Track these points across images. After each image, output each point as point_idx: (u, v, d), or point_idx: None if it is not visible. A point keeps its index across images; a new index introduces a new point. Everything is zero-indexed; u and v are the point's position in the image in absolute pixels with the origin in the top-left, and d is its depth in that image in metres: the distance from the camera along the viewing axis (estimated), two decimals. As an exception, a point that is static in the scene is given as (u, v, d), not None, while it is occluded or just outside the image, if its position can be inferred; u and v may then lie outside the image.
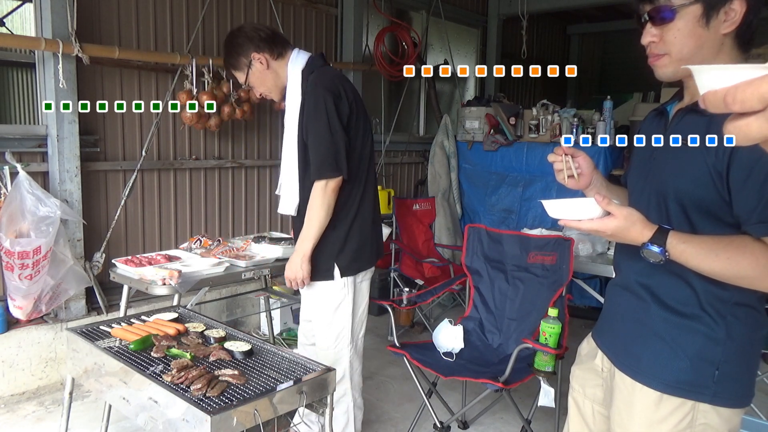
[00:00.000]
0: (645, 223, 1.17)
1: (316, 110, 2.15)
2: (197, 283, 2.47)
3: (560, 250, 2.80)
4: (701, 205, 1.19)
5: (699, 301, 1.24)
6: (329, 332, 2.38)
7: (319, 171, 2.16)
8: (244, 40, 2.26)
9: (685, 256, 1.15)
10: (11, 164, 3.00)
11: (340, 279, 2.30)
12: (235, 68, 2.30)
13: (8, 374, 3.14)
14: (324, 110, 2.13)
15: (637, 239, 1.17)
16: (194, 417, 1.46)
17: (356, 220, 2.29)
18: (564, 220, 1.24)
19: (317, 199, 2.17)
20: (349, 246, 2.29)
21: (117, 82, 3.52)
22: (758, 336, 1.27)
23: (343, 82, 2.26)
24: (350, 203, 2.28)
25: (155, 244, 3.81)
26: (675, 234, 1.15)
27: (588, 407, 1.51)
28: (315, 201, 2.18)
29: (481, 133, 5.09)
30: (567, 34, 8.34)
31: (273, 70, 2.27)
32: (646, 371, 1.30)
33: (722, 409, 1.24)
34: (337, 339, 2.38)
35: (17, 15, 3.58)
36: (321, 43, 4.70)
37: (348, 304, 2.35)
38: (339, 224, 2.26)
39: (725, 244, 1.13)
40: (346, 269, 2.30)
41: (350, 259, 2.30)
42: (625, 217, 1.17)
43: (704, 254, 1.13)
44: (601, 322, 1.51)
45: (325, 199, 2.17)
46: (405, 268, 4.37)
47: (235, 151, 4.18)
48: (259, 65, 2.26)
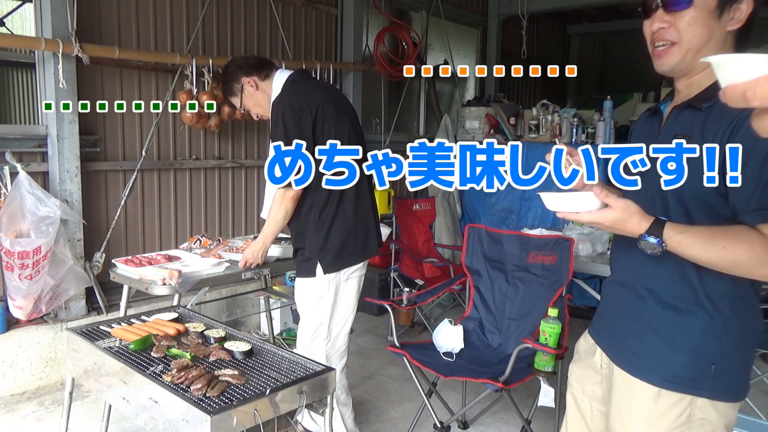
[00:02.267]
0: (642, 214, 1.18)
1: (275, 125, 2.31)
2: (197, 283, 2.47)
3: (560, 250, 2.80)
4: (699, 197, 1.20)
5: (695, 296, 1.25)
6: (307, 327, 2.48)
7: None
8: (234, 68, 2.54)
9: (681, 247, 1.15)
10: (11, 164, 3.00)
11: (323, 276, 2.40)
12: (231, 94, 2.57)
13: (8, 374, 3.14)
14: (282, 125, 2.27)
15: (635, 230, 1.18)
16: (194, 417, 1.46)
17: (336, 220, 2.40)
18: (562, 213, 1.24)
19: (275, 205, 2.36)
20: (331, 244, 2.40)
21: (117, 82, 3.52)
22: (754, 331, 1.28)
23: (309, 93, 2.37)
24: (329, 205, 2.38)
25: (155, 244, 3.81)
26: (671, 225, 1.16)
27: (586, 405, 1.52)
28: (274, 206, 2.37)
29: (481, 133, 5.09)
30: (567, 34, 8.34)
31: (262, 90, 2.51)
32: (644, 367, 1.31)
33: (719, 404, 1.26)
34: (314, 334, 2.47)
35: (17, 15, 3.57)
36: (321, 43, 4.70)
37: (328, 300, 2.44)
38: (320, 225, 2.39)
39: (721, 234, 1.14)
40: (329, 266, 2.41)
41: (333, 256, 2.40)
42: (623, 209, 1.17)
43: (701, 244, 1.14)
44: (597, 318, 1.51)
45: (282, 206, 2.35)
46: (405, 268, 4.36)
47: (235, 151, 4.18)
48: (249, 88, 2.51)
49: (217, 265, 2.58)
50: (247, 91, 2.52)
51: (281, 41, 4.32)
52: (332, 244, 2.39)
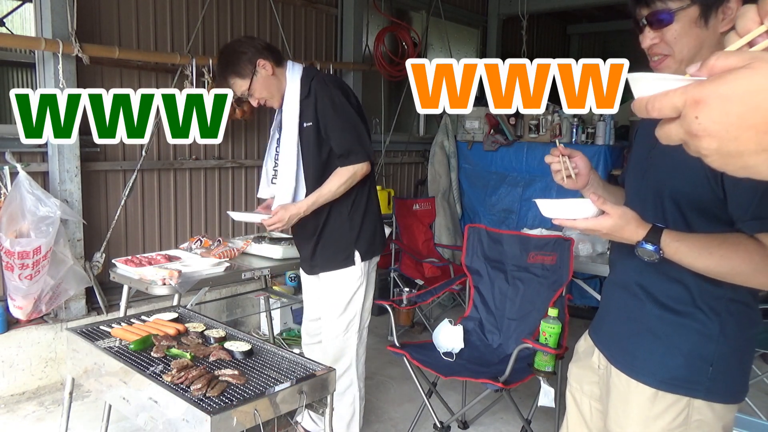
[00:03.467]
0: (639, 222, 1.18)
1: (333, 106, 2.29)
2: (197, 283, 2.47)
3: (560, 250, 2.80)
4: (697, 203, 1.20)
5: (693, 298, 1.25)
6: (341, 321, 2.47)
7: (347, 159, 2.31)
8: (248, 48, 2.33)
9: (679, 255, 1.16)
10: (11, 164, 3.00)
11: (360, 263, 2.43)
12: (239, 75, 2.34)
13: (8, 374, 3.14)
14: (340, 104, 2.30)
15: (632, 238, 1.18)
16: (194, 417, 1.46)
17: (369, 207, 2.46)
18: (559, 220, 1.24)
19: (339, 180, 2.31)
20: (365, 232, 2.44)
21: (117, 82, 3.52)
22: (752, 333, 1.28)
23: (347, 90, 2.43)
24: (364, 191, 2.44)
25: (155, 244, 3.81)
26: (669, 232, 1.16)
27: (586, 404, 1.52)
28: (337, 180, 2.31)
29: (481, 133, 5.09)
30: (567, 34, 8.34)
31: (276, 77, 2.37)
32: (641, 368, 1.31)
33: (716, 405, 1.25)
34: (347, 328, 2.48)
35: (17, 15, 3.58)
36: (321, 43, 4.70)
37: (362, 292, 2.48)
38: (355, 213, 2.42)
39: (719, 242, 1.14)
40: (366, 254, 2.45)
41: (367, 243, 2.45)
42: (620, 216, 1.18)
43: (698, 252, 1.14)
44: (597, 319, 1.52)
45: (347, 183, 2.32)
46: (405, 268, 4.37)
47: (235, 151, 4.18)
48: (264, 71, 2.33)
49: (217, 265, 2.58)
50: (261, 74, 2.33)
51: (281, 41, 4.32)
52: (365, 233, 2.44)
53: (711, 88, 0.52)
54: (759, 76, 0.50)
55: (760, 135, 0.50)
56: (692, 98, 0.53)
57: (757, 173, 0.53)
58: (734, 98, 0.50)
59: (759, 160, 0.51)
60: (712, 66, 0.53)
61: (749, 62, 0.51)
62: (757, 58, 0.51)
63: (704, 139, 0.53)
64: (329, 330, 2.50)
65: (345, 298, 2.46)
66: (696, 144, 0.54)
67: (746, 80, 0.50)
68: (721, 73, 0.52)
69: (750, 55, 0.52)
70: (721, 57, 0.53)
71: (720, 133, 0.51)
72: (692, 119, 0.53)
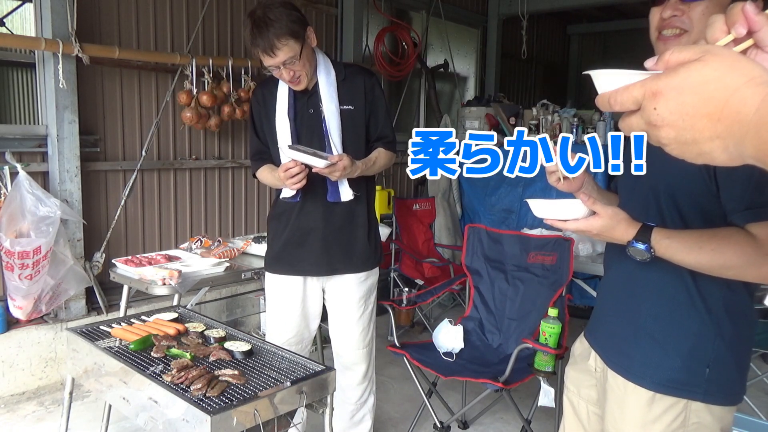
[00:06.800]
0: (629, 221, 1.18)
1: (383, 95, 2.35)
2: (197, 283, 2.47)
3: (560, 250, 2.80)
4: (692, 198, 1.20)
5: (689, 300, 1.24)
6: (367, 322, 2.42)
7: (392, 144, 2.33)
8: (300, 15, 2.07)
9: (670, 252, 1.15)
10: (11, 164, 3.00)
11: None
12: (295, 36, 2.02)
13: (8, 374, 3.14)
14: (388, 110, 2.36)
15: (623, 238, 1.18)
16: (194, 417, 1.46)
17: None
18: (549, 220, 1.24)
19: (385, 159, 2.29)
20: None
21: (117, 82, 3.52)
22: (748, 334, 1.28)
23: None
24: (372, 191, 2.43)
25: (155, 244, 3.81)
26: (659, 230, 1.16)
27: (583, 408, 1.51)
28: (383, 158, 2.29)
29: (481, 133, 5.09)
30: (567, 34, 8.34)
31: (313, 51, 2.19)
32: (638, 371, 1.30)
33: (714, 407, 1.25)
34: (371, 327, 2.45)
35: (17, 15, 3.57)
36: (321, 43, 4.69)
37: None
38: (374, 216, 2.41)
39: (709, 236, 1.14)
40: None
41: None
42: (610, 216, 1.18)
43: (689, 248, 1.14)
44: (593, 321, 1.51)
45: (386, 165, 2.34)
46: (405, 268, 4.37)
47: (235, 151, 4.17)
48: (310, 42, 2.12)
49: (217, 265, 2.58)
50: (308, 43, 2.10)
51: (281, 41, 4.32)
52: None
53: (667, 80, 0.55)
54: (709, 69, 0.53)
55: (713, 123, 0.53)
56: (650, 91, 0.56)
57: (711, 159, 0.56)
58: (688, 89, 0.54)
59: (713, 146, 0.54)
60: (668, 60, 0.56)
61: (701, 55, 0.54)
62: (708, 51, 0.55)
63: (663, 128, 0.56)
64: (356, 336, 2.38)
65: (371, 299, 2.40)
66: (656, 134, 0.57)
67: (698, 72, 0.54)
68: (676, 67, 0.55)
69: (702, 48, 0.55)
70: (675, 51, 0.56)
71: (677, 122, 0.55)
72: (651, 110, 0.56)
